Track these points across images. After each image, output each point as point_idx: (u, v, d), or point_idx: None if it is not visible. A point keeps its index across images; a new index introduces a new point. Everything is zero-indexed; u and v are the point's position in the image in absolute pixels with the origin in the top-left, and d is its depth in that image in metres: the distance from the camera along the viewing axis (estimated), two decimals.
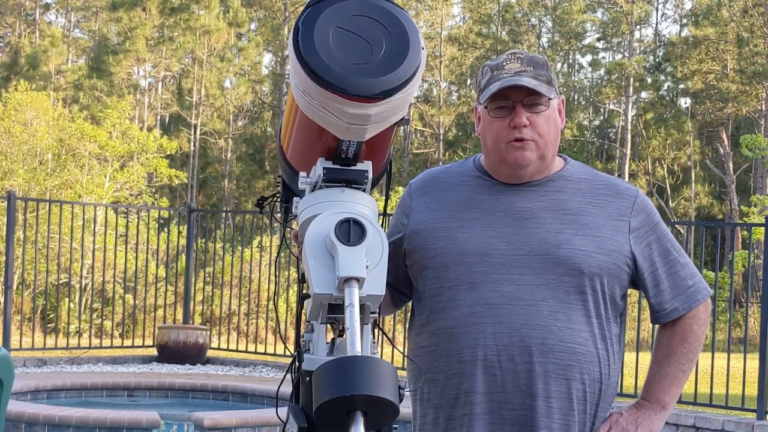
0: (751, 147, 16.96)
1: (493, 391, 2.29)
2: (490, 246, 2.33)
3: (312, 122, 1.84)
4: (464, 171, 2.47)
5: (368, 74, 1.76)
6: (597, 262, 2.32)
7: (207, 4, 32.19)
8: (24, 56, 33.36)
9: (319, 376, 1.66)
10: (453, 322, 2.33)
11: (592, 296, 2.32)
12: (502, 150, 2.33)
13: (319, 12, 1.80)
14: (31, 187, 18.61)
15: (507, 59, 2.34)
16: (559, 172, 2.42)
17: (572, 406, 2.30)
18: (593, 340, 2.32)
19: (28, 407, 7.05)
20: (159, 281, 13.65)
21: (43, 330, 12.39)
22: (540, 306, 2.29)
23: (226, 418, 6.85)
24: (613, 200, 2.39)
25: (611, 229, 2.35)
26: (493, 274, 2.32)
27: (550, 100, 2.33)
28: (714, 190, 33.61)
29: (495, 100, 2.32)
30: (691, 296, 2.41)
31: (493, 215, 2.36)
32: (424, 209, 2.44)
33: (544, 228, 2.34)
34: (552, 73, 2.36)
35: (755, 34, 30.83)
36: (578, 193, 2.39)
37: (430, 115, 37.63)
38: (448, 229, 2.38)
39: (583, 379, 2.31)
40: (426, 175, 2.54)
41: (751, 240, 9.52)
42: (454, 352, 2.32)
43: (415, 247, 2.41)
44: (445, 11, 38.98)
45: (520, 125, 2.30)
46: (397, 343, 3.16)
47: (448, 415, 2.35)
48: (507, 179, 2.39)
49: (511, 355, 2.28)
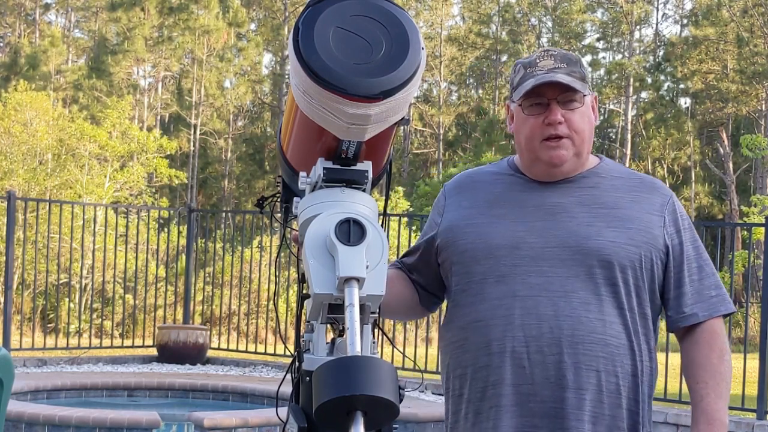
0: (751, 147, 16.96)
1: (521, 383, 2.26)
2: (519, 239, 2.31)
3: (312, 122, 1.84)
4: (498, 170, 2.47)
5: (368, 74, 1.76)
6: (627, 254, 2.28)
7: (206, 4, 32.18)
8: (24, 56, 33.36)
9: (319, 376, 1.66)
10: (481, 314, 2.31)
11: (624, 289, 2.29)
12: (536, 148, 2.32)
13: (319, 12, 1.80)
14: (31, 187, 18.60)
15: (540, 56, 2.32)
16: (593, 169, 2.40)
17: (602, 398, 2.25)
18: (626, 333, 2.28)
19: (28, 407, 7.05)
20: (159, 281, 13.65)
21: (43, 330, 12.39)
22: (570, 297, 2.26)
23: (226, 418, 6.85)
24: (649, 196, 2.37)
25: (646, 222, 2.33)
26: (522, 266, 2.29)
27: (585, 96, 2.32)
28: (714, 190, 33.61)
29: (529, 98, 2.30)
30: (712, 306, 2.36)
31: (524, 210, 2.35)
32: (456, 207, 2.44)
33: (575, 221, 2.31)
34: (585, 70, 2.35)
35: (755, 34, 30.84)
36: (612, 188, 2.37)
37: (430, 115, 37.64)
38: (479, 225, 2.37)
39: (616, 371, 2.26)
40: (460, 176, 2.54)
41: (751, 240, 9.52)
42: (482, 344, 2.30)
43: (446, 243, 2.41)
44: (444, 11, 38.99)
45: (555, 122, 2.29)
46: (397, 343, 3.16)
47: (476, 408, 2.33)
48: (541, 177, 2.37)
49: (540, 346, 2.24)
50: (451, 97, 40.87)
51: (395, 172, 33.60)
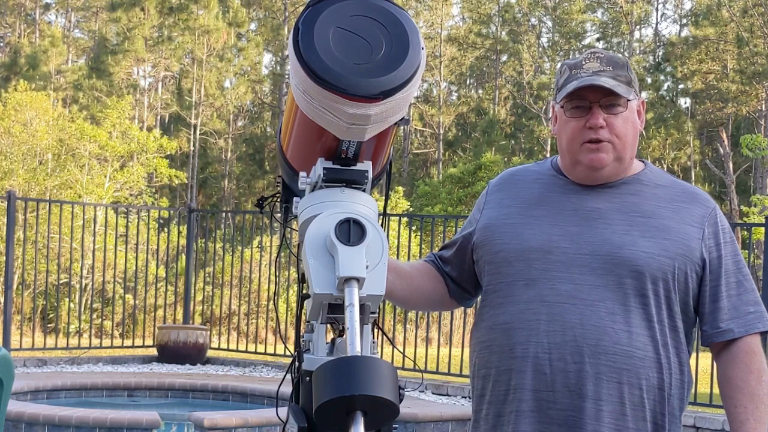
0: (751, 147, 16.95)
1: (541, 389, 2.24)
2: (553, 243, 2.29)
3: (312, 122, 1.84)
4: (541, 170, 2.45)
5: (368, 74, 1.76)
6: (660, 266, 2.24)
7: (206, 4, 32.19)
8: (24, 56, 33.37)
9: (319, 376, 1.66)
10: (508, 317, 2.30)
11: (654, 300, 2.25)
12: (576, 151, 2.30)
13: (319, 12, 1.80)
14: (31, 187, 18.61)
15: (586, 58, 2.31)
16: (636, 176, 2.36)
17: (624, 410, 2.22)
18: (653, 345, 2.24)
19: (28, 407, 7.05)
20: (159, 281, 13.65)
21: (43, 330, 12.39)
22: (597, 306, 2.23)
23: (226, 418, 6.85)
24: (689, 207, 2.33)
25: (683, 234, 2.28)
26: (552, 271, 2.27)
27: (629, 101, 2.28)
28: (714, 190, 33.60)
29: (571, 100, 2.28)
30: (749, 323, 2.30)
31: (562, 214, 2.32)
32: (496, 205, 2.43)
33: (611, 229, 2.28)
34: (633, 74, 2.32)
35: (755, 34, 30.84)
36: (653, 197, 2.33)
37: (430, 115, 37.65)
38: (515, 225, 2.35)
39: (641, 384, 2.23)
40: (504, 173, 2.53)
41: (751, 240, 9.51)
42: (507, 347, 2.28)
43: (482, 241, 2.40)
44: (444, 11, 39.01)
45: (596, 126, 2.26)
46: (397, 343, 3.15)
47: (497, 411, 2.32)
48: (582, 180, 2.34)
49: (562, 354, 2.22)
50: (451, 97, 40.89)
51: (395, 172, 33.59)
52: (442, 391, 8.83)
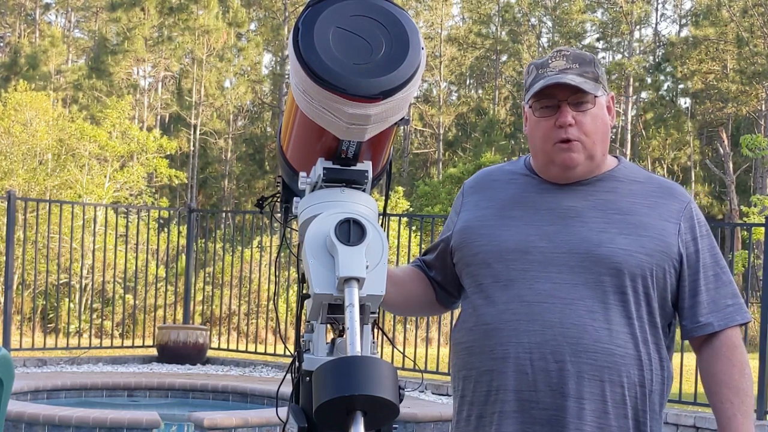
0: (751, 147, 16.95)
1: (523, 389, 2.24)
2: (530, 244, 2.29)
3: (312, 122, 1.84)
4: (515, 170, 2.44)
5: (368, 74, 1.76)
6: (638, 262, 2.24)
7: (206, 4, 32.19)
8: (24, 56, 33.37)
9: (319, 376, 1.66)
10: (488, 318, 2.29)
11: (634, 297, 2.25)
12: (549, 151, 2.29)
13: (319, 12, 1.80)
14: (31, 187, 18.61)
15: (552, 57, 2.30)
16: (610, 172, 2.36)
17: (607, 409, 2.22)
18: (634, 343, 2.24)
19: (28, 407, 7.05)
20: (159, 281, 13.65)
21: (43, 330, 12.38)
22: (576, 305, 2.23)
23: (226, 418, 6.85)
24: (665, 202, 2.33)
25: (660, 230, 2.28)
26: (531, 271, 2.27)
27: (597, 97, 2.28)
28: (714, 190, 33.62)
29: (540, 99, 2.28)
30: (728, 315, 2.31)
31: (538, 213, 2.32)
32: (472, 207, 2.43)
33: (588, 227, 2.28)
34: (600, 70, 2.31)
35: (755, 34, 30.84)
36: (629, 193, 2.33)
37: (430, 115, 37.65)
38: (492, 227, 2.35)
39: (622, 382, 2.23)
40: (479, 173, 2.53)
41: (751, 240, 9.52)
42: (488, 349, 2.28)
43: (460, 244, 2.39)
44: (444, 11, 39.01)
45: (565, 124, 2.25)
46: (397, 343, 3.15)
47: (479, 412, 2.32)
48: (555, 179, 2.34)
49: (543, 353, 2.22)
50: (451, 97, 40.89)
51: (395, 172, 33.59)
52: (442, 391, 8.83)
